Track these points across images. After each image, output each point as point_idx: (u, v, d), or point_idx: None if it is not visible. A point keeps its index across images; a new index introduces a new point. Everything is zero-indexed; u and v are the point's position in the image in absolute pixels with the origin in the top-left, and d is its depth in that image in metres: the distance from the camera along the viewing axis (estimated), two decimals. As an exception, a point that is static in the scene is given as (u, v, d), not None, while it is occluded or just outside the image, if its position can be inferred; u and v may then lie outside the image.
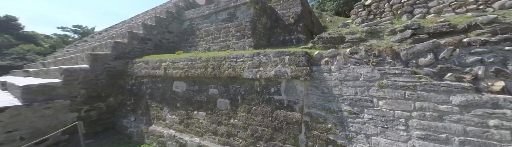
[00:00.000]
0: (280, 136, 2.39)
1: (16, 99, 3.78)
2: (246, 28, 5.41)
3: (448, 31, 2.64)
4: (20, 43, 35.02)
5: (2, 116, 3.15)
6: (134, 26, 6.21)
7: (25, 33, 39.06)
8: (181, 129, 3.60)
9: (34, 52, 33.83)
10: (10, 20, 37.06)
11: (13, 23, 36.68)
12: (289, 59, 2.42)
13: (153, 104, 4.31)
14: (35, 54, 32.83)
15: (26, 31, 39.59)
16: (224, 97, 3.11)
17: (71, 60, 5.52)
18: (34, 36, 41.07)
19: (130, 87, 5.08)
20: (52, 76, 4.67)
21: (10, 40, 34.69)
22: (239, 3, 5.60)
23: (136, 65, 4.82)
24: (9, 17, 36.84)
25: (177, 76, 3.85)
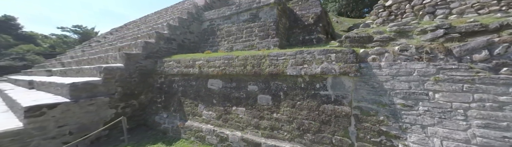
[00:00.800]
0: (329, 128, 2.55)
1: (58, 96, 3.98)
2: (270, 29, 5.59)
3: (480, 30, 2.80)
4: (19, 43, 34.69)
5: (55, 111, 3.35)
6: (159, 27, 6.42)
7: (24, 33, 38.59)
8: (219, 124, 3.77)
9: (34, 52, 33.61)
10: (8, 20, 36.58)
11: (12, 23, 36.14)
12: (336, 56, 2.59)
13: (187, 101, 4.49)
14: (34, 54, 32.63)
15: (25, 31, 38.96)
16: (265, 93, 3.29)
17: (100, 60, 5.73)
18: (33, 36, 40.59)
19: (159, 85, 5.28)
20: (86, 74, 4.88)
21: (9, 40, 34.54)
22: (262, 4, 5.79)
23: (167, 64, 5.01)
24: (7, 17, 36.23)
25: (213, 74, 4.03)
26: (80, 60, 6.89)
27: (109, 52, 6.46)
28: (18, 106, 3.50)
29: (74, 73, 5.33)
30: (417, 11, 5.39)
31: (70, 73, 5.69)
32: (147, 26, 7.96)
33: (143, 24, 9.80)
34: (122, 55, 4.73)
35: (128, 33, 8.93)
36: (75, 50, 12.82)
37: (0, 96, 6.27)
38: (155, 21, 8.66)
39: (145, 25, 8.95)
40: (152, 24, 7.85)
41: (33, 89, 5.79)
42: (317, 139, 2.62)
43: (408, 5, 5.56)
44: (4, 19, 35.59)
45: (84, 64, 6.54)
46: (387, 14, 5.69)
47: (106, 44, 8.10)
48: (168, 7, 13.16)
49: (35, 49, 35.35)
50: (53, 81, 4.39)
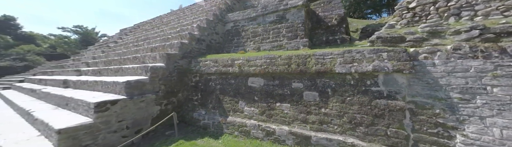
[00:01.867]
0: (383, 121, 2.77)
1: (110, 94, 4.23)
2: (298, 29, 5.84)
3: (515, 31, 3.01)
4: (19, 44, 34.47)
5: (116, 107, 3.60)
6: (188, 28, 6.69)
7: (23, 33, 38.26)
8: (263, 119, 4.00)
9: (34, 53, 33.34)
10: (8, 20, 36.22)
11: (12, 23, 35.85)
12: (388, 55, 2.82)
13: (226, 98, 4.73)
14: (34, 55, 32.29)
15: (25, 31, 38.70)
16: (311, 90, 3.52)
17: (135, 60, 6.00)
18: (33, 36, 40.28)
19: (194, 83, 5.53)
20: (128, 73, 5.14)
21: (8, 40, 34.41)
22: (289, 6, 6.03)
23: (203, 64, 5.27)
24: (7, 17, 35.78)
25: (254, 73, 4.27)
26: (109, 60, 7.17)
27: (140, 52, 6.74)
28: (79, 102, 3.75)
29: (113, 72, 5.59)
30: (442, 13, 5.58)
31: (106, 72, 5.95)
32: (171, 28, 8.24)
33: (163, 25, 10.09)
34: (163, 55, 5.00)
35: (150, 34, 9.21)
36: (90, 51, 13.13)
37: (33, 94, 6.55)
38: (178, 22, 8.93)
39: (168, 26, 9.23)
40: (176, 25, 8.12)
41: (68, 88, 6.06)
42: (370, 132, 2.84)
43: (432, 7, 5.74)
44: (4, 19, 34.98)
45: (115, 64, 6.81)
46: (411, 16, 5.89)
47: (131, 45, 8.37)
48: (182, 9, 13.46)
49: (36, 49, 35.16)
50: (100, 80, 4.65)
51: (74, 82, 5.79)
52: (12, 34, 36.38)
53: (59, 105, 4.68)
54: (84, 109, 3.58)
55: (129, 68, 5.09)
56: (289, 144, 3.49)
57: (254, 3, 9.63)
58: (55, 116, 3.62)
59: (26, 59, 30.64)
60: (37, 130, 3.61)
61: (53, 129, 2.92)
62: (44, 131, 3.32)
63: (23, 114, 4.70)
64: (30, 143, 3.02)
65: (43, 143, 2.98)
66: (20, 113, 5.05)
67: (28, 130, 3.68)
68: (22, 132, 3.57)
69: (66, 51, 36.96)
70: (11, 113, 5.43)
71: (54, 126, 2.94)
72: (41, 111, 4.22)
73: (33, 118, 3.85)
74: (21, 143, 3.05)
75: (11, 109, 6.05)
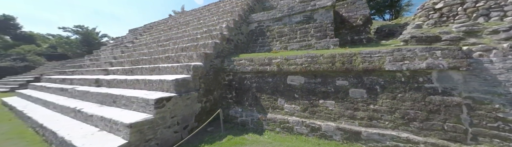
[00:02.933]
0: (438, 116, 2.90)
1: (158, 92, 4.35)
2: (328, 29, 5.98)
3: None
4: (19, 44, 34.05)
5: (169, 104, 3.75)
6: (216, 28, 6.85)
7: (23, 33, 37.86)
8: (306, 116, 4.14)
9: (34, 53, 32.95)
10: (8, 19, 35.47)
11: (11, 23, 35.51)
12: (442, 53, 2.96)
13: (264, 96, 4.88)
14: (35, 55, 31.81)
15: (24, 31, 38.28)
16: (358, 87, 3.65)
17: (168, 59, 6.15)
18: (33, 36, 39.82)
19: (227, 82, 5.68)
20: (166, 72, 5.29)
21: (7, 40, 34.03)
22: (318, 7, 6.18)
23: (237, 63, 5.42)
24: (7, 17, 35.38)
25: (294, 71, 4.41)
26: (136, 59, 7.33)
27: (169, 52, 6.90)
28: (132, 99, 3.90)
29: (148, 71, 5.75)
30: (470, 13, 5.70)
31: (139, 71, 6.10)
32: (195, 28, 8.41)
33: (182, 26, 10.26)
34: (201, 55, 5.15)
35: (172, 35, 9.39)
36: (106, 51, 13.30)
37: (63, 93, 6.71)
38: (199, 23, 9.10)
39: (189, 27, 9.40)
40: (200, 25, 8.29)
41: (100, 86, 6.21)
42: (425, 126, 2.97)
43: (460, 7, 5.87)
44: (4, 18, 34.55)
45: (144, 63, 6.97)
46: (439, 16, 6.02)
47: (154, 45, 8.54)
48: (197, 9, 13.66)
49: (37, 49, 34.79)
50: (143, 78, 4.80)
51: (108, 81, 5.94)
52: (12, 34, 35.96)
53: (102, 102, 4.83)
54: (140, 106, 3.73)
55: (168, 67, 5.24)
56: (337, 139, 3.62)
57: (273, 4, 9.80)
58: (110, 113, 3.77)
59: (27, 60, 30.36)
60: (94, 126, 3.76)
61: (123, 123, 3.06)
62: (105, 126, 3.47)
63: (67, 112, 4.85)
64: (98, 137, 3.16)
65: (111, 137, 3.13)
66: (60, 111, 5.20)
67: (83, 126, 3.82)
68: (80, 128, 3.72)
69: (67, 52, 36.72)
70: (49, 111, 5.59)
71: (123, 121, 3.09)
72: (89, 108, 4.37)
73: (87, 115, 4.00)
74: (88, 137, 3.19)
75: (44, 108, 6.20)
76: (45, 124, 4.21)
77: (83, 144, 2.93)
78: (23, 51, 32.70)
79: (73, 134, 3.41)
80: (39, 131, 4.47)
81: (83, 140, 3.09)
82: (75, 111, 4.49)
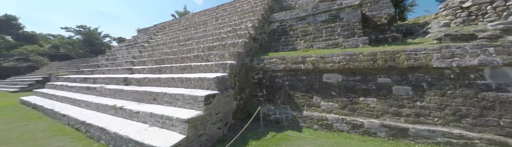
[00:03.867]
0: (493, 113, 2.93)
1: (198, 89, 4.38)
2: (356, 28, 6.02)
3: None
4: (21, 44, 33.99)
5: (214, 100, 3.82)
6: (241, 28, 6.93)
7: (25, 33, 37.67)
8: (345, 113, 4.18)
9: (37, 53, 32.86)
10: (10, 19, 35.38)
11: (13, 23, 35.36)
12: (495, 50, 2.99)
13: (297, 94, 4.93)
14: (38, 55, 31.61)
15: (26, 31, 38.17)
16: (402, 85, 3.69)
17: (196, 58, 6.23)
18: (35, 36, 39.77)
19: (257, 80, 5.74)
20: (199, 70, 5.37)
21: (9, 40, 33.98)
22: (344, 5, 6.23)
23: (268, 61, 5.47)
24: (9, 17, 35.47)
25: (331, 69, 4.46)
26: (161, 59, 7.42)
27: (195, 51, 6.98)
28: (177, 96, 3.97)
29: (179, 70, 5.83)
30: (500, 12, 5.69)
31: (169, 70, 6.18)
32: (216, 28, 8.49)
33: (200, 26, 10.36)
34: (234, 53, 5.22)
35: (191, 35, 9.49)
36: (121, 50, 13.44)
37: (90, 92, 6.82)
38: (218, 23, 9.19)
39: (208, 26, 9.49)
40: (221, 25, 8.37)
41: (129, 85, 6.31)
42: (479, 123, 3.00)
43: (489, 6, 5.87)
44: (6, 18, 34.61)
45: (170, 62, 7.07)
46: (467, 15, 6.03)
47: (175, 44, 8.64)
48: (212, 9, 13.77)
49: (40, 49, 34.75)
50: (179, 76, 4.88)
51: (138, 79, 6.03)
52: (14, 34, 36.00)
53: (139, 100, 4.91)
54: (186, 103, 3.80)
55: (201, 66, 5.32)
56: (382, 136, 3.66)
57: (291, 4, 9.87)
58: (157, 110, 3.85)
59: (30, 60, 30.34)
60: (141, 122, 3.83)
61: (180, 119, 3.13)
62: (156, 122, 3.54)
63: (104, 110, 4.93)
64: (153, 132, 3.23)
65: (167, 132, 3.19)
66: (96, 109, 5.28)
67: (129, 123, 3.90)
68: (127, 124, 3.80)
69: (69, 52, 36.72)
70: (82, 109, 5.68)
71: (179, 117, 3.16)
72: (130, 106, 4.45)
73: (132, 112, 4.08)
74: (143, 132, 3.27)
75: (73, 106, 6.30)
76: (88, 121, 4.30)
77: (143, 138, 3.01)
78: (26, 51, 32.70)
79: (125, 129, 3.48)
80: (80, 128, 4.56)
81: (140, 135, 3.17)
82: (116, 109, 4.57)
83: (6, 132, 4.77)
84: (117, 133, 3.39)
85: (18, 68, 28.74)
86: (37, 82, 20.57)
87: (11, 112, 7.47)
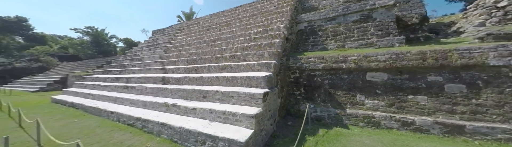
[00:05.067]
0: (559, 109, 2.97)
1: (246, 88, 4.57)
2: (390, 28, 6.10)
3: None
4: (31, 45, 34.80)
5: (268, 98, 4.00)
6: (273, 28, 7.12)
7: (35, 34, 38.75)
8: (393, 111, 4.27)
9: (47, 54, 34.32)
10: (21, 21, 36.60)
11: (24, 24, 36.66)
12: (559, 48, 3.04)
13: (338, 92, 5.05)
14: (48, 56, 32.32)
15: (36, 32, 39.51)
16: (455, 83, 3.76)
17: (232, 58, 6.44)
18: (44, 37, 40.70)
19: (293, 79, 5.89)
20: (239, 70, 5.57)
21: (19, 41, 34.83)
22: (377, 6, 6.32)
23: (306, 61, 5.62)
24: (20, 18, 36.63)
25: (375, 68, 4.57)
26: (193, 59, 7.68)
27: (228, 51, 7.20)
28: (231, 94, 4.17)
29: (218, 69, 6.05)
30: (540, 10, 5.62)
31: (206, 69, 6.42)
32: (243, 28, 8.72)
33: (224, 27, 10.63)
34: (274, 53, 5.41)
35: (217, 35, 9.75)
36: (143, 51, 13.87)
37: (128, 91, 7.13)
38: (244, 24, 9.41)
39: (233, 28, 9.72)
40: (249, 26, 8.60)
41: (167, 84, 6.55)
42: (543, 119, 3.05)
43: (528, 4, 5.78)
44: (17, 20, 35.73)
45: (203, 62, 7.31)
46: (503, 14, 6.01)
47: (203, 45, 8.90)
48: (230, 10, 14.04)
49: (50, 50, 35.66)
50: (224, 75, 5.09)
51: (177, 78, 6.28)
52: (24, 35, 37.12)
53: (186, 98, 5.14)
54: (241, 100, 3.99)
55: (242, 65, 5.52)
56: (436, 133, 3.73)
57: (314, 4, 10.00)
58: (213, 106, 4.05)
59: (40, 60, 31.31)
60: (199, 118, 4.04)
61: (246, 114, 3.32)
62: (217, 118, 3.74)
63: (154, 107, 5.18)
64: (218, 127, 3.42)
65: (231, 127, 3.38)
66: (143, 106, 5.54)
67: (187, 118, 4.12)
68: (187, 120, 4.02)
69: (78, 52, 37.54)
70: (128, 107, 5.94)
71: (246, 113, 3.35)
72: (182, 103, 4.68)
73: (187, 108, 4.31)
74: (209, 127, 3.47)
75: (115, 104, 6.62)
76: (144, 117, 4.55)
77: (214, 132, 3.21)
78: (37, 52, 33.93)
79: (189, 124, 3.70)
80: (134, 123, 4.83)
81: (209, 129, 3.37)
82: (167, 106, 4.82)
83: (64, 128, 5.09)
84: (183, 127, 3.61)
85: (30, 68, 29.52)
86: (55, 82, 21.31)
87: (52, 110, 7.88)
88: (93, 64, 27.18)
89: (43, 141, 4.03)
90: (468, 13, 8.07)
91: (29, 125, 5.54)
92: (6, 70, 28.01)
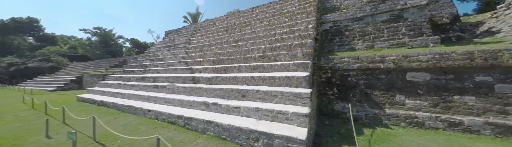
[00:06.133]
0: None
1: (284, 87, 4.67)
2: (423, 28, 6.05)
3: None
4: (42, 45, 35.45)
5: (313, 97, 4.05)
6: (301, 29, 7.19)
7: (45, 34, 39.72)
8: (438, 111, 4.24)
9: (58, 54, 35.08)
10: (32, 21, 37.52)
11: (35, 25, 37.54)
12: None
13: (376, 92, 5.04)
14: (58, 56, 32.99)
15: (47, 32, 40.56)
16: (506, 83, 3.71)
17: (262, 58, 6.54)
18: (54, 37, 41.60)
19: (325, 79, 5.92)
20: (272, 70, 5.66)
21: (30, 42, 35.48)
22: (409, 5, 6.28)
23: (338, 61, 5.65)
24: (32, 19, 37.49)
25: (417, 68, 4.55)
26: (220, 59, 7.83)
27: (255, 52, 7.31)
28: (273, 93, 4.26)
29: (250, 69, 6.16)
30: None
31: (236, 69, 6.54)
32: (266, 29, 8.83)
33: (244, 27, 10.78)
34: (309, 53, 5.47)
35: (238, 36, 9.90)
36: (162, 51, 14.17)
37: (159, 90, 7.34)
38: (265, 25, 9.52)
39: (257, 28, 9.85)
40: (273, 26, 8.70)
41: (197, 84, 6.70)
42: None
43: None
44: (29, 21, 36.69)
45: (230, 62, 7.45)
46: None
47: (226, 45, 9.06)
48: (247, 11, 14.21)
49: (61, 51, 36.59)
50: (259, 75, 5.19)
51: (208, 78, 6.42)
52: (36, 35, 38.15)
53: (223, 97, 5.26)
54: (286, 99, 4.08)
55: (276, 65, 5.61)
56: (487, 133, 3.68)
57: (335, 4, 10.00)
58: (259, 105, 4.15)
59: (51, 60, 32.37)
60: (244, 116, 4.15)
61: (299, 113, 3.40)
62: (264, 116, 3.83)
63: (191, 105, 5.32)
64: (269, 125, 3.51)
65: (281, 125, 3.46)
66: (179, 105, 5.70)
67: (232, 117, 4.23)
68: (232, 118, 4.12)
69: (87, 52, 38.28)
70: (162, 106, 6.10)
71: (297, 111, 3.43)
72: (223, 102, 4.80)
73: (230, 107, 4.42)
74: (258, 125, 3.56)
75: (148, 102, 6.82)
76: (187, 115, 4.69)
77: (268, 130, 3.29)
78: (49, 52, 34.77)
79: (238, 122, 3.80)
80: (175, 121, 4.98)
81: (260, 127, 3.46)
82: (207, 104, 4.95)
83: (107, 126, 5.29)
84: (233, 125, 3.71)
85: (42, 68, 30.37)
86: (72, 81, 21.98)
87: (84, 108, 8.20)
88: (105, 64, 27.77)
89: (98, 137, 4.24)
90: (498, 13, 7.87)
91: (72, 122, 5.83)
92: (19, 69, 29.21)
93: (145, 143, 3.85)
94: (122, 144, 3.84)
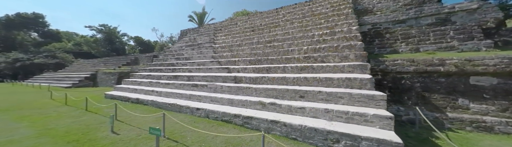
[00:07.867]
0: None
1: (345, 88, 4.67)
2: (474, 31, 6.00)
3: None
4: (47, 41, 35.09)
5: (383, 99, 4.05)
6: (344, 30, 7.21)
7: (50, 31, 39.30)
8: (508, 116, 4.18)
9: (63, 50, 34.67)
10: (37, 17, 37.14)
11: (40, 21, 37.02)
12: None
13: (435, 95, 5.00)
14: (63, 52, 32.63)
15: (51, 29, 39.99)
16: None
17: (307, 59, 6.55)
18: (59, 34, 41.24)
19: (376, 82, 5.89)
20: (323, 71, 5.67)
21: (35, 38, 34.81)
22: (457, 9, 6.25)
23: (391, 63, 5.63)
24: (37, 15, 37.14)
25: (482, 72, 4.50)
26: (257, 59, 7.88)
27: (295, 53, 7.34)
28: (339, 94, 4.25)
29: (297, 70, 6.17)
30: None
31: (280, 70, 6.56)
32: (301, 30, 8.87)
33: (274, 28, 10.85)
34: (362, 55, 5.48)
35: (269, 36, 9.96)
36: (186, 50, 14.25)
37: (198, 88, 7.39)
38: (297, 26, 9.58)
39: (289, 29, 9.91)
40: (309, 27, 8.74)
41: (238, 83, 6.71)
42: None
43: None
44: (34, 16, 36.38)
45: (269, 63, 7.49)
46: None
47: (260, 46, 9.10)
48: (270, 12, 14.31)
49: (66, 47, 36.87)
50: (314, 76, 5.20)
51: (252, 78, 6.43)
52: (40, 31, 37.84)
53: (276, 97, 5.26)
54: (355, 101, 4.06)
55: (328, 66, 5.62)
56: None
57: (367, 7, 10.00)
58: (323, 106, 4.15)
59: (57, 57, 32.23)
60: (310, 117, 4.14)
61: (382, 115, 3.37)
62: (336, 117, 3.82)
63: (245, 105, 5.29)
64: (345, 126, 3.49)
65: (359, 127, 3.43)
66: (229, 104, 5.68)
67: (295, 117, 4.22)
68: (298, 118, 4.10)
69: (92, 49, 38.45)
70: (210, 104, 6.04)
71: (380, 114, 3.41)
72: (280, 102, 4.82)
73: (293, 107, 4.41)
74: (332, 126, 3.55)
75: (191, 101, 6.80)
76: (245, 114, 4.68)
77: (352, 131, 3.28)
78: (54, 48, 34.53)
79: (309, 123, 3.79)
80: (230, 120, 4.98)
81: (339, 128, 3.44)
82: (264, 104, 4.96)
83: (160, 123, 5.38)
84: (305, 125, 3.70)
85: (47, 64, 30.27)
86: (86, 78, 22.18)
87: (122, 106, 8.28)
88: (116, 62, 27.59)
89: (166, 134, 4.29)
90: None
91: (122, 119, 5.91)
92: (25, 65, 28.97)
93: (218, 140, 3.88)
94: (195, 141, 3.88)
